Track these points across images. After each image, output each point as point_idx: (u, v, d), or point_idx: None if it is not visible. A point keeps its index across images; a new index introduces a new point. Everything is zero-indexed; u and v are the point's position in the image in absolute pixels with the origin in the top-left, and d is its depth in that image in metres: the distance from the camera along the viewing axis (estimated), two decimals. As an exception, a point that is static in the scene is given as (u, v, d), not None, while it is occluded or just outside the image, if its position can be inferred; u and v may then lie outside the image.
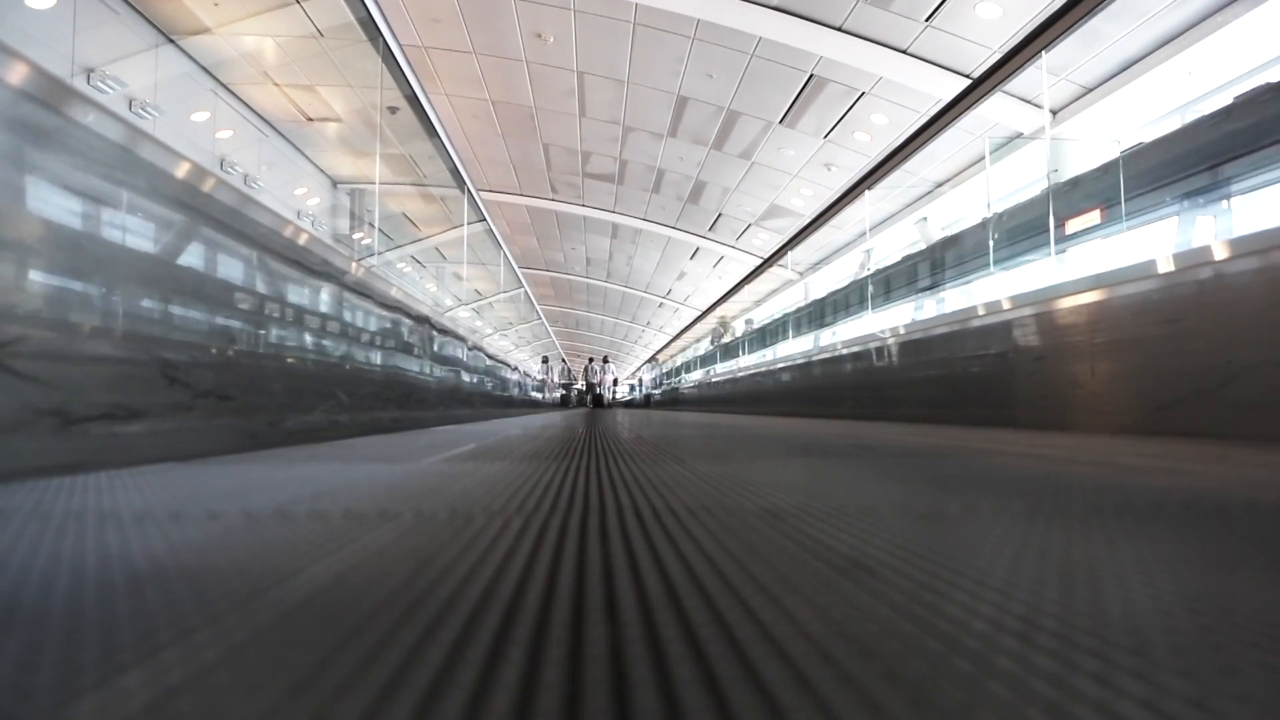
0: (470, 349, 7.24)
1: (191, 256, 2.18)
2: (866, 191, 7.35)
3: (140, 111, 6.09)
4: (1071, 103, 6.91)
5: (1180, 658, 0.45)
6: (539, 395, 16.13)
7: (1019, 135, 7.14)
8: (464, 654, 0.46)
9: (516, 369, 12.80)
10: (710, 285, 16.55)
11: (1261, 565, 0.75)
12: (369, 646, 0.47)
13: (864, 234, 10.77)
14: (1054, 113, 6.98)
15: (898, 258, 7.77)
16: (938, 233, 8.36)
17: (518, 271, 14.12)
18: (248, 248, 2.49)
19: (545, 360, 21.67)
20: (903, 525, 0.94)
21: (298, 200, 9.40)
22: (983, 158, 7.85)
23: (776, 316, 11.13)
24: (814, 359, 7.32)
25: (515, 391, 11.48)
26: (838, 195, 8.31)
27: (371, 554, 0.76)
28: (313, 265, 3.07)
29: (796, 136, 9.60)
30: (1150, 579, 0.65)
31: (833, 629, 0.51)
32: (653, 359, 24.75)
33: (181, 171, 2.06)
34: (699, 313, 16.79)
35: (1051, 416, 3.42)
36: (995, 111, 6.91)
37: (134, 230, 1.84)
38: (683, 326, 19.21)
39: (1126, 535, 0.86)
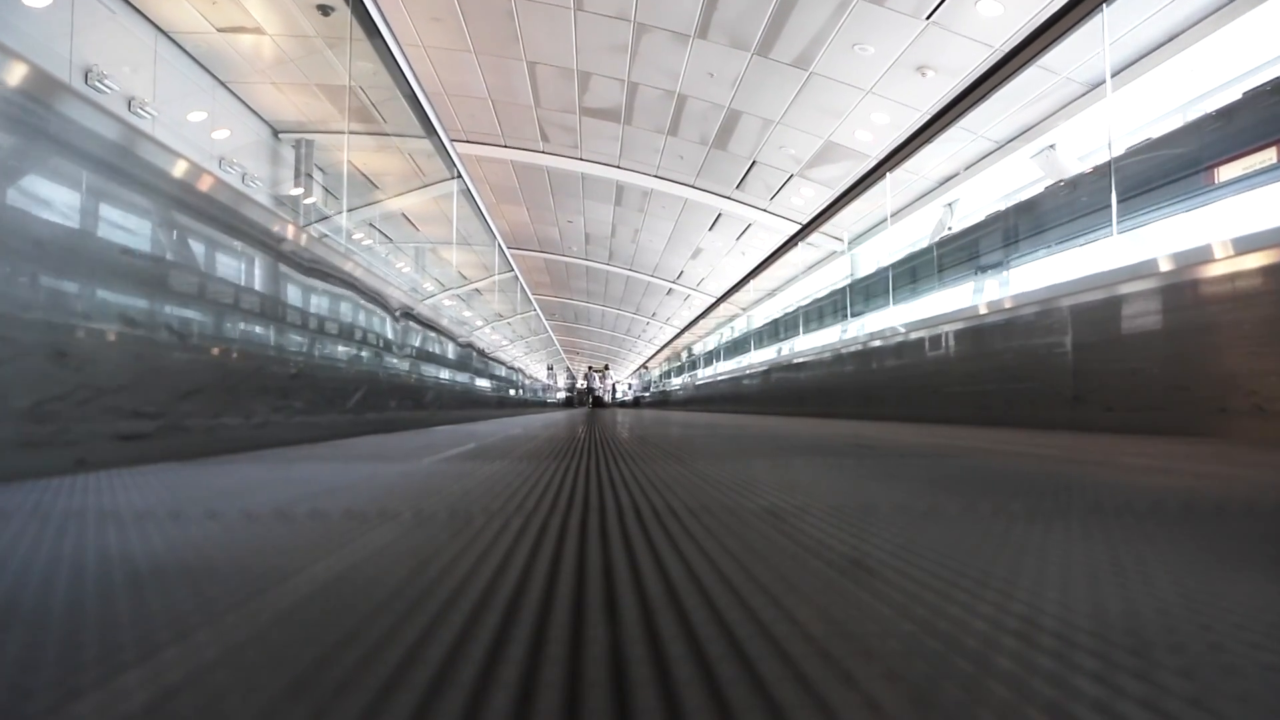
0: (507, 368, 10.74)
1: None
2: (970, 111, 5.30)
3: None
4: None
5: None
6: (542, 396, 18.76)
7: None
8: (464, 652, 0.46)
9: (532, 378, 16.96)
10: (729, 265, 14.19)
11: None
12: (369, 646, 0.47)
13: (950, 178, 8.28)
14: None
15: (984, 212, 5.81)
16: (1074, 165, 6.27)
17: (506, 252, 12.23)
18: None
19: (550, 368, 28.15)
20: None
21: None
22: (1182, 32, 5.31)
23: (820, 295, 8.99)
24: (912, 337, 5.27)
25: (527, 394, 14.38)
26: (933, 115, 6.02)
27: (371, 553, 0.76)
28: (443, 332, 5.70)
29: (884, 20, 6.48)
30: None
31: (833, 629, 0.51)
32: (642, 367, 29.55)
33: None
34: (712, 299, 15.07)
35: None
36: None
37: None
38: (681, 327, 18.95)
39: None
